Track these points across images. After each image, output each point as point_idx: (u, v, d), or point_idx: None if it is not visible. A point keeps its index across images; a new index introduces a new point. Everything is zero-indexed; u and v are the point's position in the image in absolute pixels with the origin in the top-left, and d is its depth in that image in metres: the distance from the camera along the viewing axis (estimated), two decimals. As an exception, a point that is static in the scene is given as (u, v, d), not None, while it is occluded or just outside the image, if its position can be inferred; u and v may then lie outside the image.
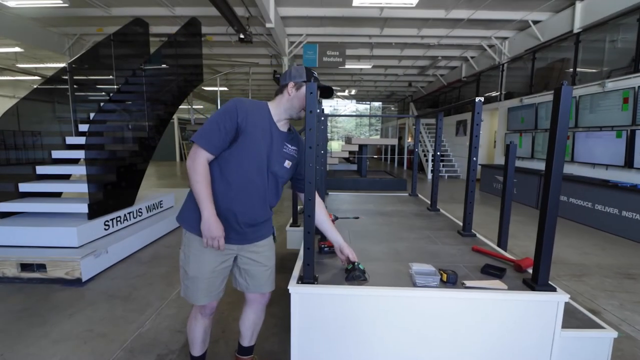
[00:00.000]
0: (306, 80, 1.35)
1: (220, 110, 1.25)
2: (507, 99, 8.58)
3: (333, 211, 2.58)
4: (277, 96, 1.40)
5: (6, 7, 6.02)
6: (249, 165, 1.30)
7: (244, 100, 1.29)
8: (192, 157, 1.23)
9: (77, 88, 4.42)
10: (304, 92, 1.30)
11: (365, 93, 17.53)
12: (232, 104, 1.26)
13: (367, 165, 8.85)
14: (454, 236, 1.98)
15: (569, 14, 6.57)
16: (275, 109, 1.37)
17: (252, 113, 1.28)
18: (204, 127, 1.24)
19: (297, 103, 1.35)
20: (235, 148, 1.27)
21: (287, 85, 1.36)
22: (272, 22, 6.64)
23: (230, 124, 1.24)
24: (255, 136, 1.28)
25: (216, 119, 1.23)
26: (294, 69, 1.39)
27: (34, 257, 2.71)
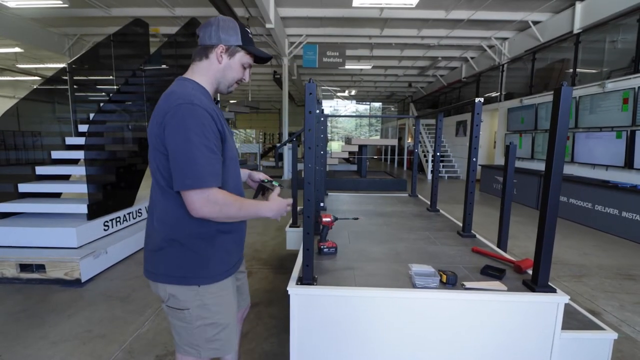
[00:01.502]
0: (243, 43, 1.02)
1: (195, 127, 0.87)
2: (507, 100, 8.58)
3: (332, 212, 2.58)
4: (198, 62, 1.03)
5: (6, 8, 6.02)
6: (235, 172, 1.07)
7: (196, 96, 0.92)
8: (211, 203, 0.89)
9: (77, 88, 4.42)
10: (240, 60, 1.03)
11: (365, 93, 17.54)
12: (200, 111, 0.89)
13: (367, 166, 8.86)
14: (453, 237, 1.97)
15: (569, 14, 6.58)
16: (207, 83, 1.03)
17: (215, 109, 0.98)
18: (197, 161, 0.87)
19: (230, 75, 1.05)
20: (223, 161, 1.00)
21: (215, 49, 1.00)
22: (272, 22, 6.65)
23: (217, 138, 0.94)
24: (229, 135, 1.02)
25: (203, 142, 0.88)
26: (222, 23, 1.00)
27: (33, 258, 2.70)
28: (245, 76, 1.09)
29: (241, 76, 1.08)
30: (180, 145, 0.87)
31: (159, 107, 0.93)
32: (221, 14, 6.03)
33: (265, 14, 6.31)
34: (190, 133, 0.87)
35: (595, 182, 4.95)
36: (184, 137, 0.87)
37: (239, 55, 1.04)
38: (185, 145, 0.87)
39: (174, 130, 0.88)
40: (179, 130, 0.87)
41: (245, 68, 1.07)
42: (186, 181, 0.88)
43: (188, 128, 0.87)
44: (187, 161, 0.87)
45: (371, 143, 10.50)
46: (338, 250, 1.67)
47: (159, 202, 0.98)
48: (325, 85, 14.76)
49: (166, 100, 0.92)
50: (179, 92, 0.92)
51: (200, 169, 0.87)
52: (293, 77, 11.47)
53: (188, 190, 0.88)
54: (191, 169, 0.87)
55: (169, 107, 0.89)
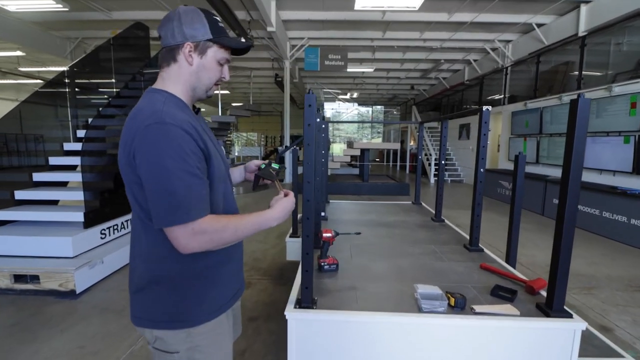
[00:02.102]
0: (213, 36, 0.85)
1: (171, 150, 0.74)
2: (510, 103, 8.48)
3: (333, 222, 2.51)
4: (166, 68, 0.87)
5: (7, 12, 6.00)
6: (225, 192, 0.94)
7: (168, 112, 0.78)
8: (198, 235, 0.77)
9: (77, 93, 4.38)
10: (214, 56, 0.87)
11: (367, 96, 17.47)
12: (175, 130, 0.76)
13: (369, 169, 8.77)
14: (460, 251, 1.89)
15: (574, 17, 6.50)
16: (181, 92, 0.87)
17: (194, 122, 0.84)
18: (177, 192, 0.74)
19: (206, 76, 0.88)
20: (210, 183, 0.86)
21: (182, 48, 0.84)
22: (274, 25, 6.60)
23: (199, 159, 0.80)
24: (214, 151, 0.88)
25: (181, 167, 0.75)
26: (184, 16, 0.83)
27: (28, 268, 2.64)
28: (224, 74, 0.92)
29: (219, 75, 0.91)
30: (154, 174, 0.74)
31: (126, 130, 0.79)
32: (222, 18, 5.98)
33: (266, 17, 6.26)
34: (165, 159, 0.73)
35: (603, 188, 4.85)
36: (158, 164, 0.74)
37: (212, 51, 0.87)
38: (160, 174, 0.74)
39: (146, 158, 0.74)
40: (151, 156, 0.74)
41: (223, 64, 0.90)
42: (166, 217, 0.75)
43: (162, 153, 0.74)
44: (165, 193, 0.74)
45: (373, 147, 10.42)
46: (339, 266, 1.59)
47: (141, 237, 0.86)
48: (327, 88, 14.70)
49: (133, 122, 0.78)
50: (147, 110, 0.78)
51: (181, 200, 0.74)
52: (295, 79, 11.42)
53: (170, 227, 0.76)
54: (170, 201, 0.74)
55: (136, 130, 0.76)
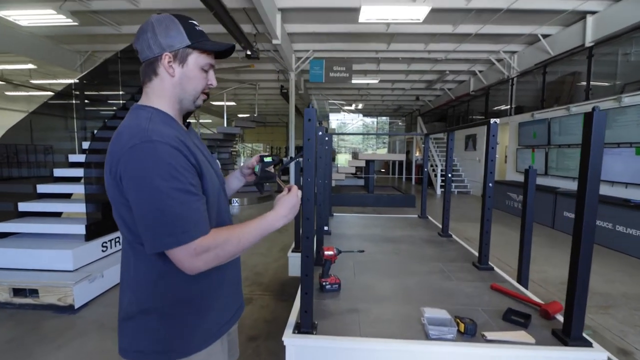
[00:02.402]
0: (191, 41, 0.81)
1: (160, 170, 0.70)
2: (517, 114, 8.40)
3: (337, 236, 2.44)
4: (149, 83, 0.82)
5: (19, 26, 6.16)
6: (220, 207, 0.89)
7: (154, 130, 0.73)
8: (202, 253, 0.73)
9: (83, 105, 4.43)
10: (195, 63, 0.82)
11: (372, 107, 17.51)
12: (163, 147, 0.71)
13: (374, 180, 8.70)
14: (469, 269, 1.81)
15: (580, 27, 6.46)
16: (168, 106, 0.83)
17: (184, 137, 0.79)
18: (173, 212, 0.70)
19: (190, 86, 0.83)
20: None
21: (160, 60, 0.80)
22: (279, 38, 6.67)
23: (192, 174, 0.76)
24: (206, 166, 0.83)
25: (174, 185, 0.70)
26: (157, 26, 0.79)
27: (27, 282, 2.61)
28: (210, 80, 0.87)
29: (205, 82, 0.86)
30: (145, 197, 0.70)
31: (110, 150, 0.74)
32: (228, 31, 6.07)
33: (272, 30, 6.33)
34: (155, 179, 0.69)
35: (616, 201, 4.71)
36: (147, 186, 0.69)
37: (193, 57, 0.82)
38: (151, 195, 0.69)
39: (134, 181, 0.70)
40: (140, 178, 0.69)
41: (207, 70, 0.86)
42: (166, 240, 0.70)
43: (150, 173, 0.69)
44: (159, 214, 0.69)
45: (378, 158, 10.36)
46: (342, 286, 1.52)
47: (129, 261, 0.81)
48: (332, 99, 14.78)
49: (117, 143, 0.73)
50: (132, 129, 0.73)
51: (178, 220, 0.70)
52: (300, 91, 11.50)
53: (172, 249, 0.71)
54: (168, 223, 0.70)
55: (121, 151, 0.71)
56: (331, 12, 6.45)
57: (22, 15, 5.11)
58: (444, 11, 6.20)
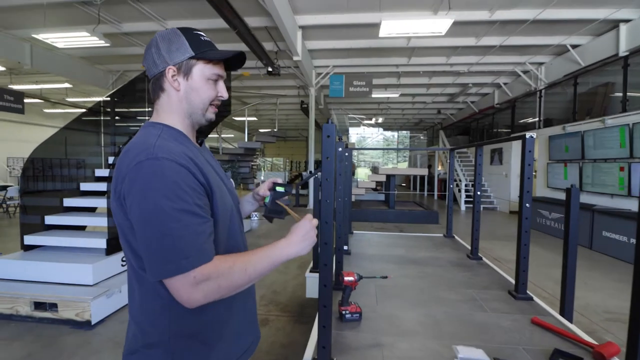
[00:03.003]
0: (195, 52, 0.76)
1: (166, 188, 0.64)
2: (546, 126, 8.03)
3: (357, 257, 2.32)
4: (158, 100, 0.80)
5: (56, 48, 6.57)
6: (232, 231, 0.82)
7: (162, 146, 0.69)
8: (201, 283, 0.65)
9: (111, 121, 4.59)
10: (201, 74, 0.77)
11: (392, 121, 17.37)
12: (170, 165, 0.66)
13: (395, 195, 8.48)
14: (505, 299, 1.63)
15: (613, 36, 6.16)
16: (178, 122, 0.79)
17: (193, 154, 0.74)
18: (174, 235, 0.64)
19: (197, 99, 0.79)
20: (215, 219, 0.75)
21: (165, 75, 0.76)
22: (300, 55, 6.75)
23: (200, 195, 0.70)
24: (217, 184, 0.77)
25: (179, 206, 0.64)
26: (161, 40, 0.76)
27: (47, 296, 2.62)
28: (219, 92, 0.82)
29: (213, 94, 0.80)
30: (146, 217, 0.64)
31: (117, 168, 0.71)
32: (251, 49, 6.20)
33: (292, 47, 6.42)
34: (159, 198, 0.64)
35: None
36: (151, 206, 0.64)
37: (198, 68, 0.77)
38: (153, 216, 0.64)
39: (137, 199, 0.65)
40: (143, 197, 0.64)
41: (216, 81, 0.81)
42: (164, 267, 0.64)
43: (155, 192, 0.64)
44: (160, 237, 0.63)
45: (400, 173, 10.14)
46: (363, 315, 1.39)
47: (134, 289, 0.75)
48: (352, 114, 14.79)
49: (124, 160, 0.69)
50: (139, 146, 0.69)
51: (179, 244, 0.64)
52: (320, 106, 11.57)
53: (169, 279, 0.65)
54: (166, 247, 0.63)
55: (126, 169, 0.67)
56: (351, 28, 6.49)
57: (59, 37, 5.44)
58: (467, 24, 6.09)
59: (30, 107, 11.34)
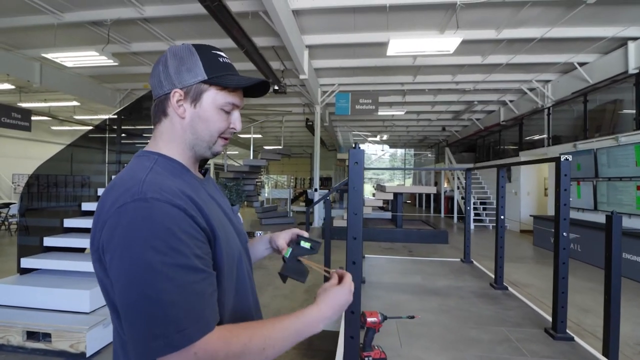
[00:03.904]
0: (208, 75, 0.64)
1: (155, 239, 0.51)
2: (555, 144, 7.91)
3: (372, 286, 2.15)
4: (158, 125, 0.68)
5: (65, 67, 6.65)
6: (240, 283, 0.69)
7: (153, 183, 0.56)
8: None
9: (116, 139, 4.54)
10: (213, 102, 0.65)
11: (397, 138, 17.37)
12: (162, 208, 0.53)
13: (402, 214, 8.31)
14: (542, 339, 1.46)
15: (621, 54, 6.12)
16: (178, 153, 0.67)
17: (193, 191, 0.61)
18: (165, 300, 0.50)
19: (204, 129, 0.66)
20: (218, 267, 0.61)
21: (169, 98, 0.65)
22: (306, 74, 6.78)
23: (199, 242, 0.56)
24: (222, 224, 0.65)
25: (172, 260, 0.51)
26: (171, 58, 0.65)
27: (40, 325, 2.47)
28: (233, 123, 0.69)
29: (224, 126, 0.67)
30: (130, 278, 0.50)
31: (96, 213, 0.58)
32: (257, 68, 6.22)
33: (299, 66, 6.44)
34: (147, 252, 0.50)
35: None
36: (136, 261, 0.50)
37: (209, 95, 0.65)
38: (139, 276, 0.50)
39: (118, 254, 0.52)
40: (126, 250, 0.51)
41: (229, 112, 0.68)
42: (151, 343, 0.49)
43: (141, 244, 0.51)
44: (148, 305, 0.49)
45: (408, 191, 9.99)
46: None
47: (118, 355, 0.61)
48: (357, 131, 14.80)
49: (105, 201, 0.57)
50: (126, 182, 0.57)
51: (174, 313, 0.49)
52: (325, 123, 11.58)
53: (162, 358, 0.49)
54: (158, 318, 0.49)
55: (108, 212, 0.54)
56: (358, 47, 6.53)
57: (68, 57, 5.49)
58: (473, 42, 6.09)
59: (38, 124, 11.47)
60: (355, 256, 0.86)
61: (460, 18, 5.11)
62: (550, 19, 5.35)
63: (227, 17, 4.28)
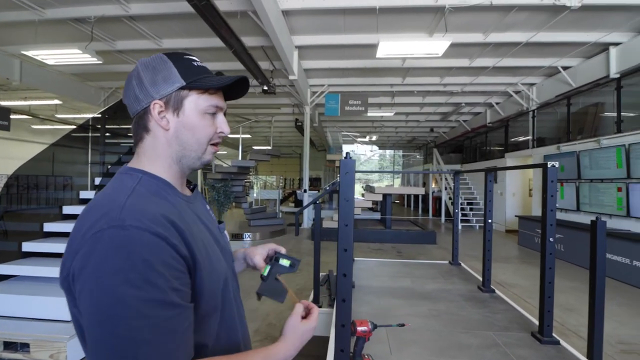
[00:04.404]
0: (186, 80, 0.61)
1: (130, 271, 0.47)
2: (539, 146, 8.10)
3: (362, 290, 2.14)
4: (141, 143, 0.64)
5: (47, 65, 6.44)
6: (226, 305, 0.64)
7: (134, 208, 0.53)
8: None
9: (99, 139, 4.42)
10: (195, 107, 0.62)
11: (386, 139, 17.49)
12: (139, 237, 0.49)
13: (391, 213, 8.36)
14: (529, 343, 1.48)
15: (603, 59, 6.29)
16: (164, 170, 0.63)
17: (175, 214, 0.57)
18: (137, 340, 0.46)
19: (191, 139, 0.63)
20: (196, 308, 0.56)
21: (150, 111, 0.61)
22: (296, 74, 6.74)
23: (178, 273, 0.52)
24: (206, 247, 0.61)
25: (147, 295, 0.47)
26: (142, 70, 0.62)
27: (18, 335, 2.37)
28: (220, 127, 0.66)
29: (211, 131, 0.65)
30: (100, 313, 0.46)
31: (73, 234, 0.53)
32: (246, 68, 6.15)
33: (289, 67, 6.40)
34: (120, 285, 0.46)
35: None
36: (107, 296, 0.46)
37: (190, 101, 0.62)
38: (110, 312, 0.46)
39: (89, 285, 0.47)
40: (98, 283, 0.47)
41: (214, 114, 0.65)
42: None
43: (115, 276, 0.46)
44: (118, 344, 0.45)
45: (397, 192, 10.05)
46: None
47: None
48: (346, 132, 14.84)
49: (83, 222, 0.52)
50: (106, 205, 0.53)
51: (146, 353, 0.46)
52: (314, 124, 11.56)
53: None
54: (126, 357, 0.45)
55: (84, 237, 0.50)
56: (347, 48, 6.53)
57: (49, 54, 5.31)
58: (461, 45, 6.17)
59: (18, 123, 11.06)
60: (346, 268, 0.84)
61: (448, 21, 5.17)
62: (535, 24, 5.46)
63: (216, 16, 4.21)
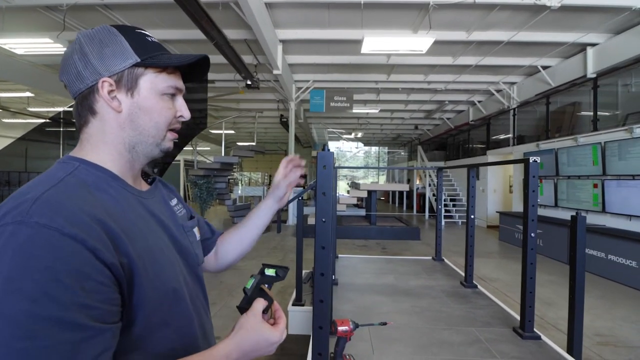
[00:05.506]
0: (141, 57, 0.53)
1: (40, 276, 0.38)
2: (520, 144, 8.29)
3: (345, 288, 2.11)
4: (84, 128, 0.55)
5: (15, 55, 6.10)
6: (177, 314, 0.54)
7: (55, 201, 0.43)
8: None
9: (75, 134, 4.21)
10: (152, 86, 0.55)
11: (371, 136, 17.56)
12: (52, 239, 0.40)
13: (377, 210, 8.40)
14: (511, 338, 1.48)
15: (581, 59, 6.47)
16: (111, 160, 0.55)
17: (115, 213, 0.49)
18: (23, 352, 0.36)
19: (148, 122, 0.56)
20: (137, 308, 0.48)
21: (97, 90, 0.53)
22: (280, 69, 6.63)
23: (101, 285, 0.42)
24: (154, 253, 0.52)
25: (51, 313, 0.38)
26: (87, 43, 0.53)
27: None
28: (179, 111, 0.59)
29: (171, 115, 0.57)
30: None
31: None
32: (229, 62, 6.00)
33: (273, 61, 6.29)
34: (9, 296, 0.37)
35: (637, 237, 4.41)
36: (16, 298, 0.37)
37: (147, 79, 0.54)
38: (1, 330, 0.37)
39: None
40: None
41: (173, 95, 0.58)
42: None
43: (4, 285, 0.38)
44: None
45: (382, 189, 10.11)
46: (359, 369, 1.19)
47: None
48: (331, 128, 14.80)
49: None
50: (23, 195, 0.44)
51: None
52: (300, 120, 11.47)
53: None
54: None
55: None
56: (332, 43, 6.46)
57: (18, 43, 5.03)
58: (445, 43, 6.21)
59: (-14, 116, 10.51)
60: (324, 267, 0.79)
61: (432, 19, 5.18)
62: (516, 23, 5.55)
63: (196, 7, 4.07)
